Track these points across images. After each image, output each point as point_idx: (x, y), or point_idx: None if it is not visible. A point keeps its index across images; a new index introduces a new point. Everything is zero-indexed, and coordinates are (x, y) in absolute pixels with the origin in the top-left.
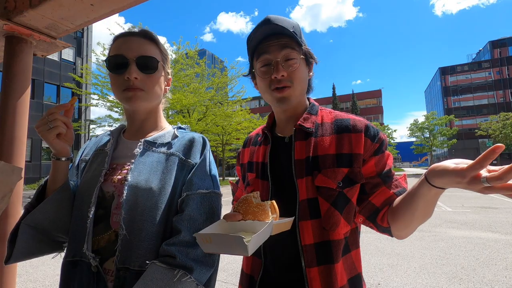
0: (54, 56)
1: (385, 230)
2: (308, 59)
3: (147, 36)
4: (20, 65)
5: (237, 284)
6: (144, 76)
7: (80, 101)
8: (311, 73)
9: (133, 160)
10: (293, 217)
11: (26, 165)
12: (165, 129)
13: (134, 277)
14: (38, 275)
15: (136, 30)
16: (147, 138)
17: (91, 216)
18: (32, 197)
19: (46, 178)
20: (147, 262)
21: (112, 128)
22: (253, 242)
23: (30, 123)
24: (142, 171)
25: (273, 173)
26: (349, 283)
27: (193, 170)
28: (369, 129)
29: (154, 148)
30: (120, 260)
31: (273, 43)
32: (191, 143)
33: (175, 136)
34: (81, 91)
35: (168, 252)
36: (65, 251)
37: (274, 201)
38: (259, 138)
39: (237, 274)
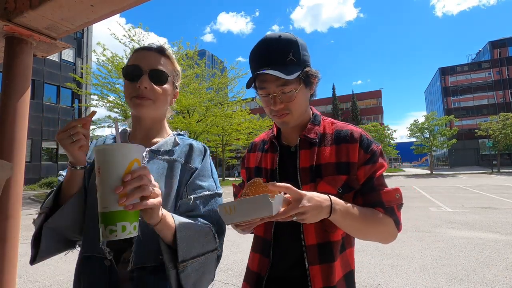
0: (54, 57)
1: None
2: (309, 81)
3: (163, 53)
4: (20, 65)
5: (237, 285)
6: (154, 87)
7: (80, 101)
8: (313, 87)
9: None
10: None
11: (26, 166)
12: (167, 137)
13: (150, 273)
14: (38, 276)
15: (154, 45)
16: (152, 148)
17: None
18: (46, 200)
19: (60, 183)
20: (160, 257)
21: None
22: (276, 201)
23: (30, 123)
24: None
25: (281, 179)
26: (344, 278)
27: (195, 175)
28: (363, 140)
29: (158, 156)
30: (135, 261)
31: (270, 76)
32: (190, 149)
33: (176, 144)
34: (81, 92)
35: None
36: (80, 248)
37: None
38: (265, 145)
39: (237, 275)
